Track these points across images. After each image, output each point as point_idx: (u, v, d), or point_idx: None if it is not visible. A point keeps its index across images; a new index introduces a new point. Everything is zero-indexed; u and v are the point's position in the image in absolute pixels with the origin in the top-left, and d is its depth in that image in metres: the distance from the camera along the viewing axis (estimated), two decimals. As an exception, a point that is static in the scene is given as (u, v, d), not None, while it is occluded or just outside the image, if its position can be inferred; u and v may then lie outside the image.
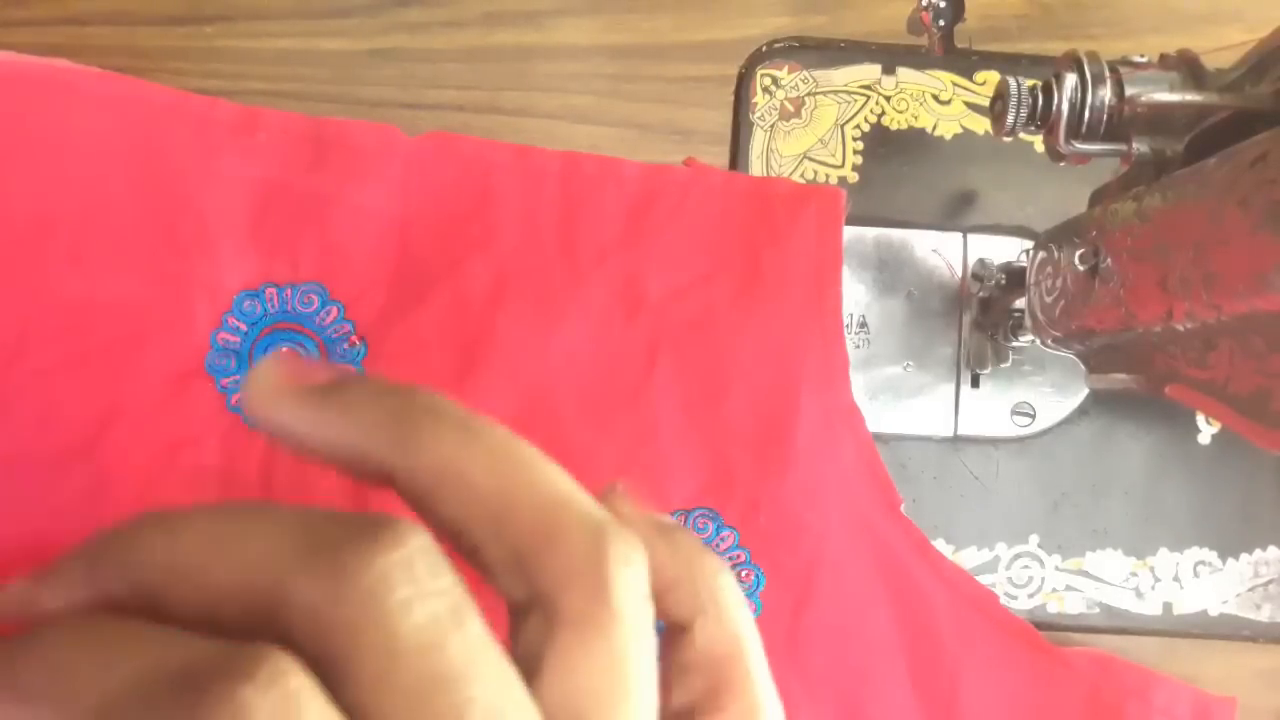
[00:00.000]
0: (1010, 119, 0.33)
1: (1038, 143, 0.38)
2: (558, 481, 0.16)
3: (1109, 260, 0.31)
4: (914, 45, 0.46)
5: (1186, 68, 0.30)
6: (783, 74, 0.45)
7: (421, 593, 0.14)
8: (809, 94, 0.45)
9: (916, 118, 0.45)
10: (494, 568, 0.16)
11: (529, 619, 0.16)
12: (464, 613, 0.14)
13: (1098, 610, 0.44)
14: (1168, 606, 0.45)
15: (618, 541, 0.16)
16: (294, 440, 0.17)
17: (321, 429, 0.16)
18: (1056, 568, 0.44)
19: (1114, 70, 0.31)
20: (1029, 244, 0.40)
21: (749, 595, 0.41)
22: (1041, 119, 0.32)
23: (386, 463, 0.16)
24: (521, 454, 0.16)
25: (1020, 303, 0.39)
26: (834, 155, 0.45)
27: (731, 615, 0.19)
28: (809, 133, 0.45)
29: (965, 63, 0.46)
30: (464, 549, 0.16)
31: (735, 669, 0.19)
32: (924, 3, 0.45)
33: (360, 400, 0.16)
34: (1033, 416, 0.45)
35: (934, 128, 0.45)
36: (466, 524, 0.16)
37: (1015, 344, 0.43)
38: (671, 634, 0.19)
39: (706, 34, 0.45)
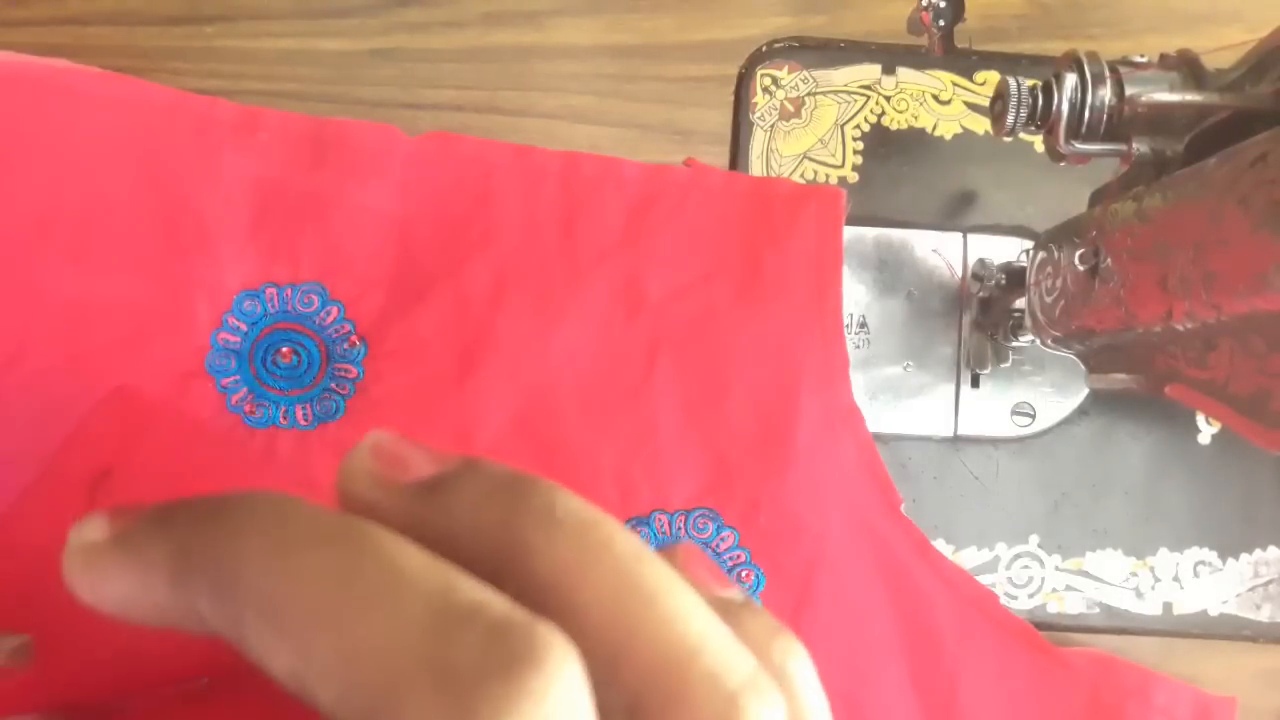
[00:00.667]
0: (1010, 119, 0.33)
1: (1038, 143, 0.38)
2: (688, 620, 0.14)
3: (1109, 260, 0.31)
4: (914, 45, 0.46)
5: (1186, 68, 0.30)
6: (783, 74, 0.45)
7: None
8: (809, 94, 0.45)
9: (916, 118, 0.45)
10: (606, 712, 0.14)
11: None
12: None
13: (1098, 610, 0.44)
14: (1168, 606, 0.45)
15: (753, 710, 0.14)
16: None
17: (425, 534, 0.14)
18: (1056, 568, 0.44)
19: (1114, 70, 0.31)
20: (1029, 244, 0.40)
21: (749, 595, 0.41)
22: (1041, 119, 0.32)
23: (492, 578, 0.14)
24: (647, 580, 0.14)
25: (1020, 303, 0.39)
26: (834, 155, 0.45)
27: (802, 704, 0.16)
28: (809, 133, 0.45)
29: (965, 63, 0.46)
30: None
31: None
32: (924, 3, 0.45)
33: (467, 504, 0.15)
34: (1033, 416, 0.45)
35: (934, 128, 0.45)
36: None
37: (1015, 344, 0.43)
38: None
39: (706, 34, 0.45)
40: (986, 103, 0.45)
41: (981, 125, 0.45)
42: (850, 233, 0.43)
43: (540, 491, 0.15)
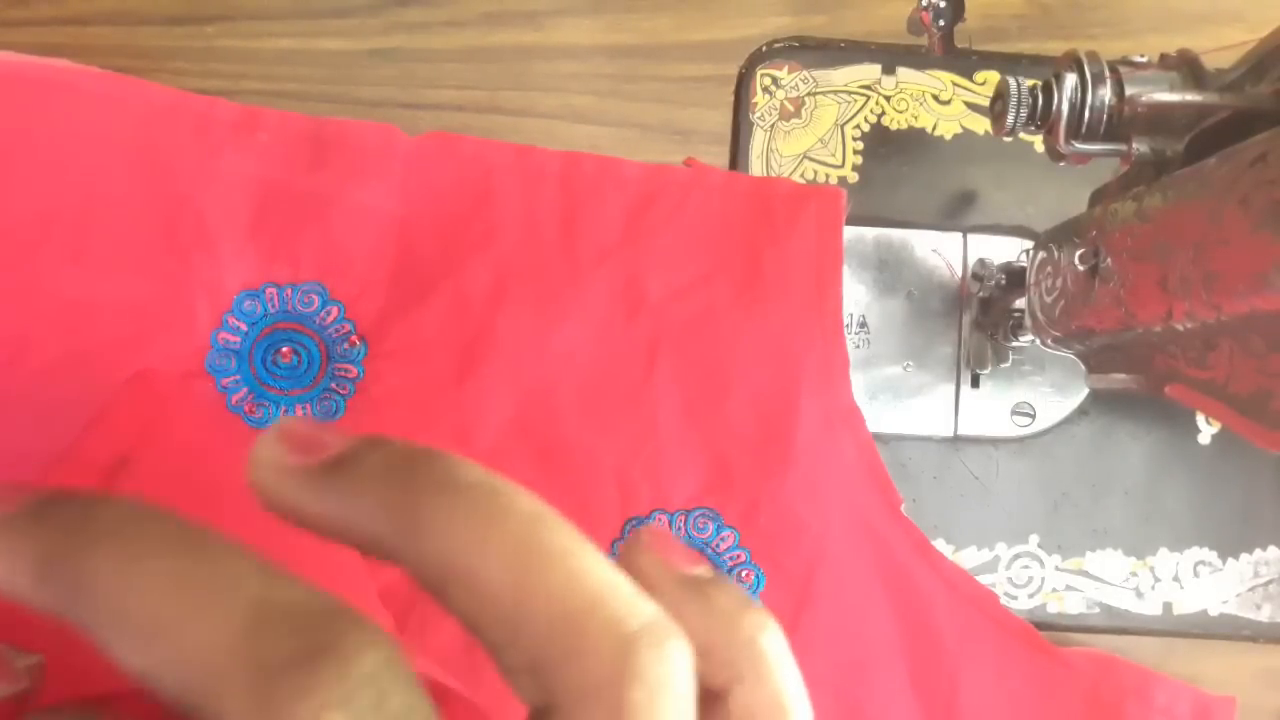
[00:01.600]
0: (1010, 119, 0.33)
1: (1038, 143, 0.38)
2: (584, 578, 0.14)
3: (1109, 260, 0.31)
4: (914, 45, 0.46)
5: (1186, 68, 0.30)
6: (783, 74, 0.45)
7: None
8: (809, 94, 0.45)
9: (916, 118, 0.45)
10: (509, 672, 0.14)
11: None
12: None
13: (1098, 610, 0.44)
14: (1168, 606, 0.45)
15: (646, 657, 0.14)
16: (303, 523, 0.16)
17: (328, 513, 0.15)
18: (1056, 568, 0.44)
19: (1114, 70, 0.31)
20: (1029, 244, 0.40)
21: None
22: (1041, 119, 0.32)
23: (394, 552, 0.15)
24: (544, 544, 0.14)
25: (1020, 303, 0.39)
26: (834, 155, 0.45)
27: (773, 679, 0.16)
28: (809, 133, 0.45)
29: (965, 63, 0.46)
30: (482, 644, 0.15)
31: None
32: (924, 3, 0.45)
33: (366, 478, 0.15)
34: (1033, 416, 0.45)
35: (934, 128, 0.45)
36: (478, 624, 0.14)
37: (1015, 344, 0.43)
38: (706, 701, 0.16)
39: (706, 34, 0.45)
40: (986, 103, 0.45)
41: (981, 125, 0.45)
42: (850, 233, 0.43)
43: (440, 462, 0.15)
